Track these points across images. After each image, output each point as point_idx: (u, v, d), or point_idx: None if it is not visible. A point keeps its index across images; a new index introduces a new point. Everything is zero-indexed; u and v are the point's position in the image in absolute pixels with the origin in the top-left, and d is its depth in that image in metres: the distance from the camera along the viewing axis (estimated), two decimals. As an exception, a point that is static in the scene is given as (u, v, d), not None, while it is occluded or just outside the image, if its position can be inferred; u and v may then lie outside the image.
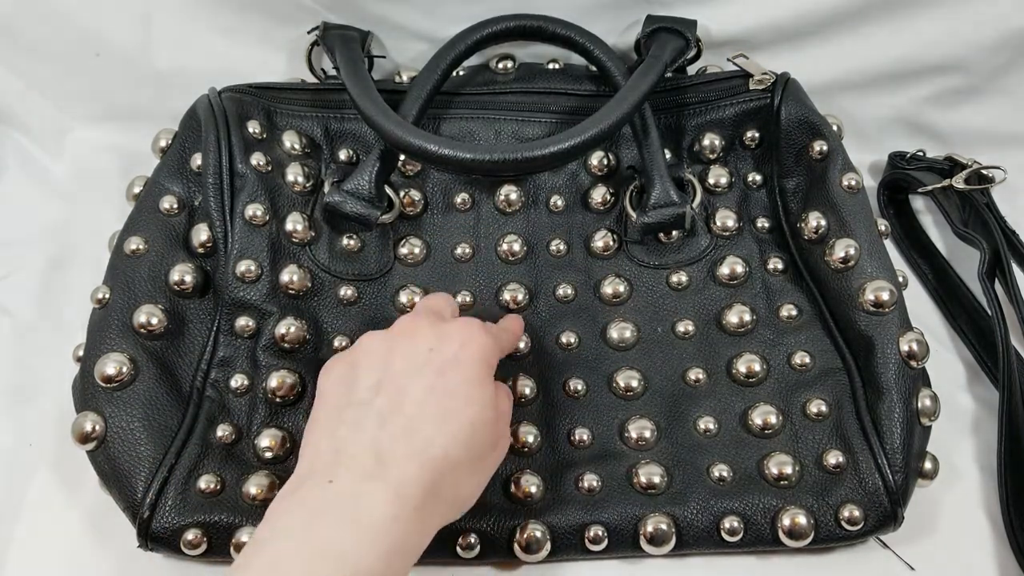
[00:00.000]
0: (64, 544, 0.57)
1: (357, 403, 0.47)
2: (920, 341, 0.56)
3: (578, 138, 0.58)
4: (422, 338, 0.50)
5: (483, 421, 0.48)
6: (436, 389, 0.47)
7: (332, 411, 0.48)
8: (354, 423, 0.46)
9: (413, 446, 0.45)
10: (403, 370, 0.48)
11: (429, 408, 0.47)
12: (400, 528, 0.43)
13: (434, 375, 0.48)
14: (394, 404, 0.47)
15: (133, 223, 0.61)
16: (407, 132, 0.58)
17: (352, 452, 0.45)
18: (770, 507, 0.54)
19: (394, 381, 0.48)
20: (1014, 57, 0.73)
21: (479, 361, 0.49)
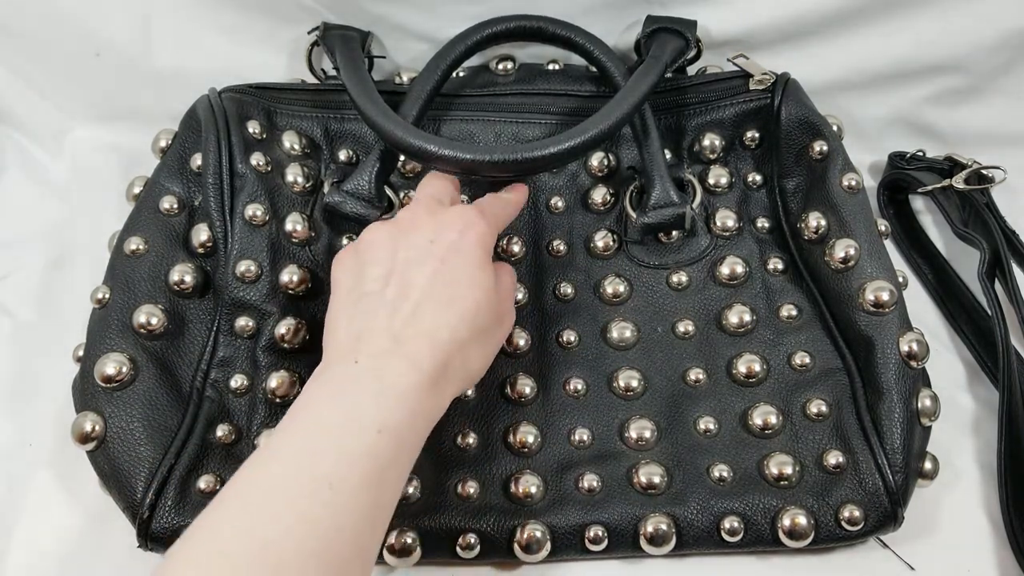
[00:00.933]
0: (64, 544, 0.57)
1: (368, 293, 0.50)
2: (920, 341, 0.56)
3: (578, 138, 0.58)
4: (423, 230, 0.53)
5: (486, 301, 0.51)
6: (439, 276, 0.50)
7: (346, 302, 0.51)
8: (368, 312, 0.49)
9: (422, 328, 0.48)
10: (407, 260, 0.51)
11: (434, 294, 0.50)
12: (419, 395, 0.46)
13: (437, 263, 0.51)
14: (402, 293, 0.50)
15: (133, 223, 0.61)
16: (407, 132, 0.58)
17: (369, 337, 0.48)
18: (770, 507, 0.54)
19: (400, 272, 0.51)
20: (1014, 57, 0.73)
21: (478, 246, 0.52)
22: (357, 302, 0.51)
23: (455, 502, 0.55)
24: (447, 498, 0.55)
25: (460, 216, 0.54)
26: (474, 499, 0.55)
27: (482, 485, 0.55)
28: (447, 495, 0.55)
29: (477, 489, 0.55)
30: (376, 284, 0.51)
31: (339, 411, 0.45)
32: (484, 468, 0.56)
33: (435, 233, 0.52)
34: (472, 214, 0.54)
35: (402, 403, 0.46)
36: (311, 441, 0.44)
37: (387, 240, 0.53)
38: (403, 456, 0.46)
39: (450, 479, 0.56)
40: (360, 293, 0.51)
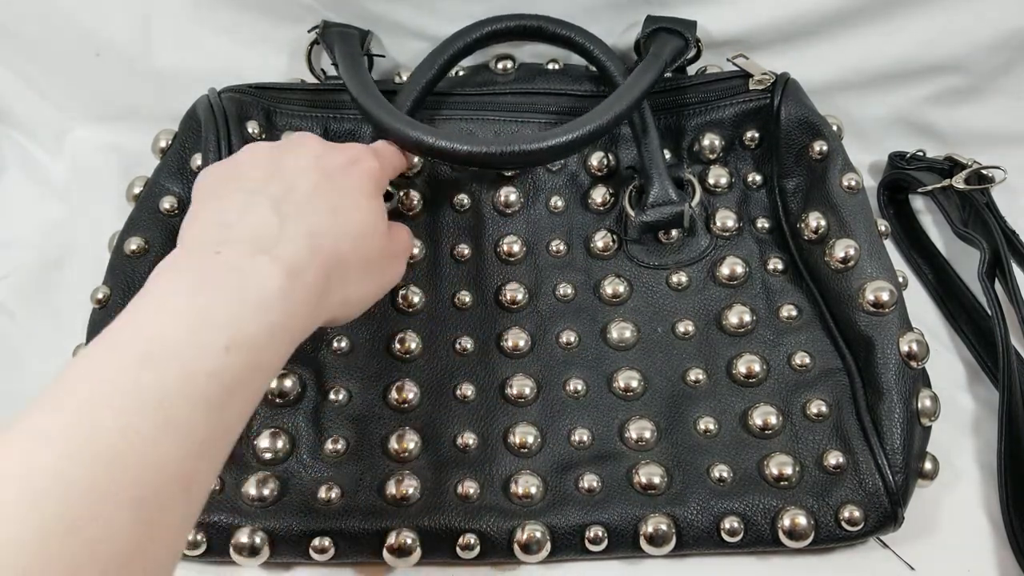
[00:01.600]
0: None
1: (246, 190, 0.46)
2: (920, 341, 0.56)
3: (575, 132, 0.58)
4: (309, 147, 0.50)
5: (373, 228, 0.48)
6: (325, 187, 0.47)
7: (214, 196, 0.46)
8: (244, 204, 0.45)
9: (304, 228, 0.44)
10: (291, 168, 0.48)
11: (319, 201, 0.46)
12: (286, 305, 0.41)
13: (322, 176, 0.48)
14: (284, 192, 0.46)
15: (133, 223, 0.61)
16: (405, 124, 0.58)
17: (241, 229, 0.43)
18: (770, 507, 0.54)
19: (283, 175, 0.47)
20: (1014, 57, 0.73)
21: (370, 177, 0.50)
22: (228, 195, 0.46)
23: (455, 502, 0.55)
24: (447, 498, 0.55)
25: (351, 148, 0.52)
26: (474, 499, 0.55)
27: (482, 485, 0.55)
28: (447, 495, 0.55)
29: (477, 489, 0.55)
30: (255, 183, 0.46)
31: (190, 312, 0.38)
32: (484, 468, 0.56)
33: (323, 152, 0.50)
34: (365, 149, 0.52)
35: (264, 313, 0.40)
36: (144, 345, 0.36)
37: (269, 149, 0.49)
38: (256, 378, 0.39)
39: (450, 479, 0.56)
40: (234, 188, 0.46)
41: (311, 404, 0.58)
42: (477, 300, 0.63)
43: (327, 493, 0.54)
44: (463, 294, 0.63)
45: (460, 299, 0.63)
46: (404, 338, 0.60)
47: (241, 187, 0.46)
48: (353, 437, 0.57)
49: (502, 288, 0.63)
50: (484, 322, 0.62)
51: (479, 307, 0.63)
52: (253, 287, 0.40)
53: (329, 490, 0.54)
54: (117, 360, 0.36)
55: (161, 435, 0.34)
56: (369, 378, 0.59)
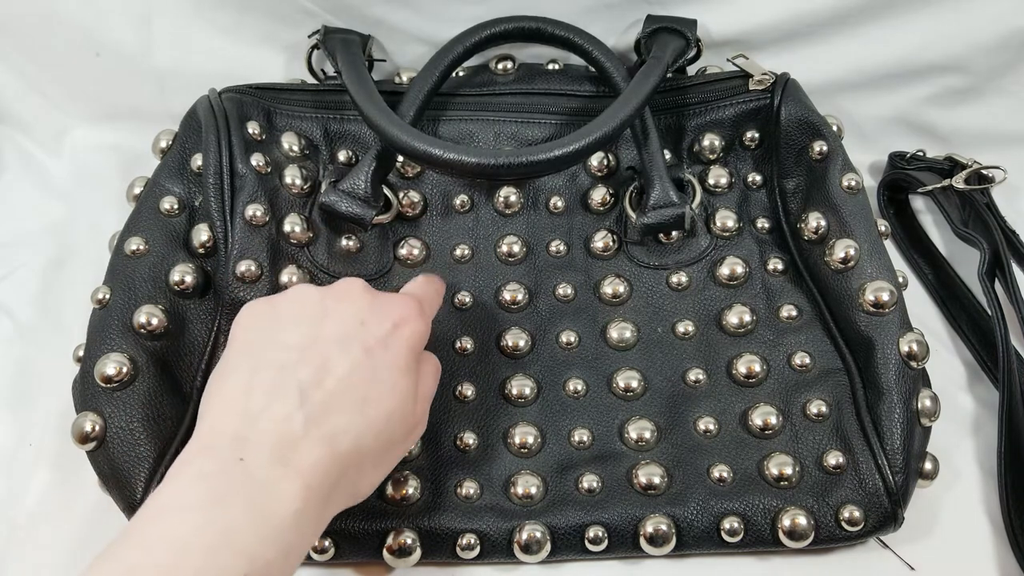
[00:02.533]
0: (64, 544, 0.57)
1: (278, 364, 0.44)
2: (920, 342, 0.56)
3: (582, 141, 0.58)
4: (357, 305, 0.48)
5: (402, 412, 0.46)
6: (361, 369, 0.45)
7: (248, 364, 0.45)
8: (272, 390, 0.43)
9: (327, 431, 0.43)
10: (332, 337, 0.46)
11: (351, 389, 0.44)
12: (303, 522, 0.41)
13: (362, 353, 0.45)
14: (317, 376, 0.44)
15: (133, 223, 0.61)
16: (412, 136, 0.58)
17: (265, 427, 0.42)
18: (770, 508, 0.54)
19: (321, 347, 0.45)
20: (1014, 57, 0.73)
21: (409, 346, 0.47)
22: (260, 368, 0.44)
23: (455, 503, 0.55)
24: (447, 499, 0.55)
25: (400, 305, 0.49)
26: (474, 500, 0.55)
27: (482, 486, 0.55)
28: (447, 496, 0.55)
29: (477, 490, 0.55)
30: (290, 354, 0.45)
31: (211, 530, 0.38)
32: (484, 469, 0.56)
33: (369, 315, 0.47)
34: (413, 308, 0.49)
35: (283, 536, 0.39)
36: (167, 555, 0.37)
37: (315, 303, 0.47)
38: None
39: (450, 480, 0.56)
40: (267, 359, 0.45)
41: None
42: (477, 300, 0.63)
43: (327, 493, 0.54)
44: (463, 295, 0.63)
45: (460, 299, 0.63)
46: (404, 338, 0.60)
47: (274, 360, 0.45)
48: (353, 437, 0.57)
49: (502, 288, 0.63)
50: (484, 322, 0.62)
51: (479, 307, 0.63)
52: (274, 509, 0.40)
53: (329, 490, 0.54)
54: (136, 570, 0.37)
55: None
56: (369, 378, 0.59)
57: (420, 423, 0.50)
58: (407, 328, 0.48)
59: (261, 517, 0.39)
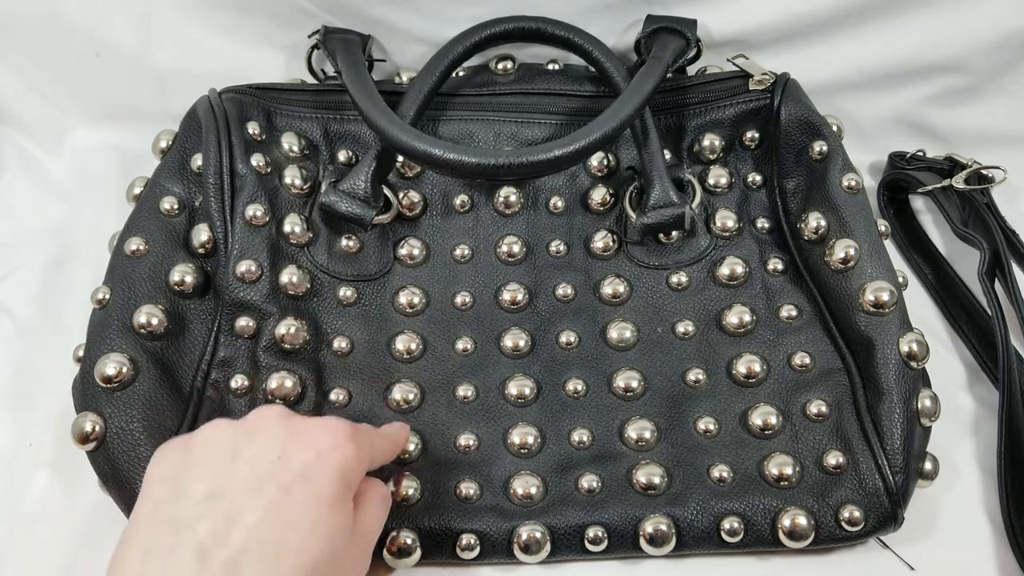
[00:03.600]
0: (64, 544, 0.57)
1: (179, 521, 0.41)
2: (920, 342, 0.56)
3: (582, 141, 0.58)
4: (271, 441, 0.43)
5: (330, 553, 0.42)
6: (276, 513, 0.41)
7: (150, 522, 0.41)
8: (169, 554, 0.39)
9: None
10: (243, 481, 0.42)
11: (262, 542, 0.40)
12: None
13: (277, 493, 0.41)
14: (221, 532, 0.40)
15: (133, 224, 0.61)
16: (411, 136, 0.58)
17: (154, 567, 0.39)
18: (770, 508, 0.54)
19: (228, 497, 0.41)
20: (1014, 57, 0.73)
21: (338, 477, 0.43)
22: (160, 526, 0.41)
23: (455, 503, 0.55)
24: (447, 499, 0.55)
25: (325, 430, 0.44)
26: (474, 500, 0.55)
27: (482, 486, 0.55)
28: (447, 496, 0.55)
29: (477, 490, 0.55)
30: (194, 509, 0.41)
31: None
32: (484, 469, 0.56)
33: (287, 447, 0.43)
34: (341, 432, 0.45)
35: None
36: None
37: (226, 445, 0.43)
38: None
39: (450, 480, 0.56)
40: (169, 516, 0.41)
41: (311, 405, 0.58)
42: (477, 301, 0.63)
43: (327, 494, 0.54)
44: (463, 295, 0.63)
45: (460, 300, 0.63)
46: (405, 339, 0.60)
47: (175, 517, 0.41)
48: (353, 438, 0.57)
49: (502, 288, 0.63)
50: (484, 323, 0.62)
51: (479, 308, 0.63)
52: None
53: (329, 490, 0.55)
54: None
55: None
56: (370, 379, 0.59)
57: (361, 560, 0.46)
58: (334, 456, 0.43)
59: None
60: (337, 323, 0.61)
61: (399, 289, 0.62)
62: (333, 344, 0.60)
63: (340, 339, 0.60)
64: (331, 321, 0.61)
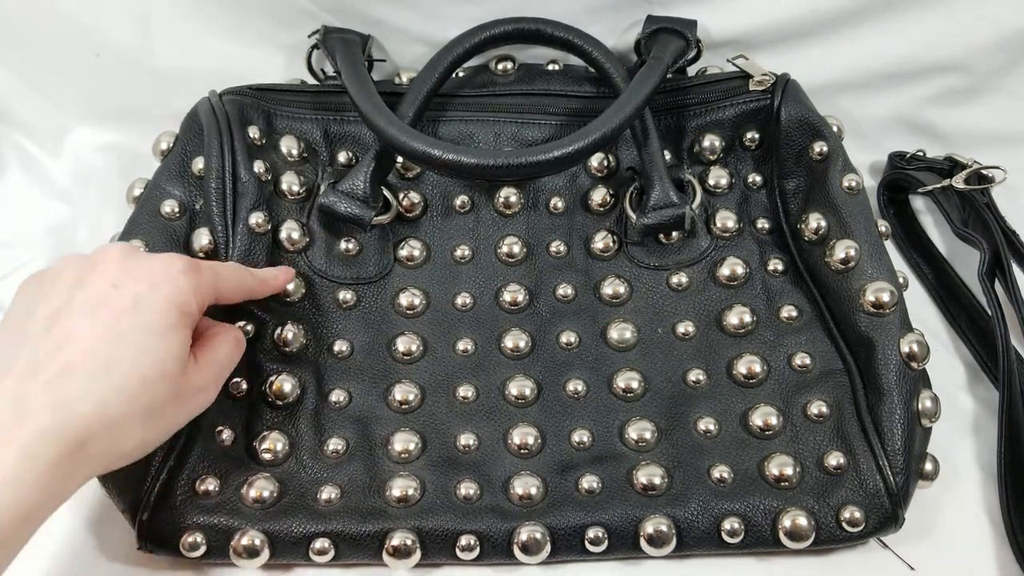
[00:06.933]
0: (64, 545, 0.57)
1: (24, 336, 0.44)
2: (921, 342, 0.56)
3: (582, 142, 0.58)
4: (111, 272, 0.47)
5: (159, 374, 0.45)
6: (106, 334, 0.44)
7: (3, 340, 0.45)
8: (6, 364, 0.43)
9: (60, 396, 0.42)
10: (80, 304, 0.45)
11: (94, 355, 0.43)
12: (24, 491, 0.40)
13: (110, 316, 0.45)
14: (55, 347, 0.44)
15: (134, 226, 0.61)
16: (410, 137, 0.58)
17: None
18: (771, 508, 0.54)
19: (67, 318, 0.45)
20: (1014, 57, 0.73)
21: (170, 306, 0.46)
22: (8, 346, 0.44)
23: (455, 503, 0.55)
24: (447, 499, 0.55)
25: (161, 266, 0.47)
26: (474, 500, 0.55)
27: (482, 486, 0.55)
28: (447, 496, 0.55)
29: (477, 490, 0.55)
30: (37, 325, 0.45)
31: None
32: (484, 469, 0.56)
33: (122, 278, 0.46)
34: (178, 267, 0.48)
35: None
36: None
37: (72, 273, 0.47)
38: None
39: (450, 480, 0.56)
40: (18, 333, 0.45)
41: (311, 406, 0.58)
42: (478, 301, 0.63)
43: (327, 494, 0.54)
44: (464, 296, 0.63)
45: (461, 301, 0.63)
46: (405, 340, 0.60)
47: (18, 335, 0.45)
48: (353, 438, 0.57)
49: (502, 289, 0.63)
50: (485, 323, 0.62)
51: (480, 308, 0.63)
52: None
53: (329, 491, 0.55)
54: None
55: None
56: (370, 380, 0.59)
57: (200, 391, 0.49)
58: (166, 288, 0.46)
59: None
60: (337, 326, 0.61)
61: (399, 291, 0.62)
62: (333, 347, 0.60)
63: (340, 342, 0.60)
64: (331, 324, 0.61)
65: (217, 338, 0.51)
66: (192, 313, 0.48)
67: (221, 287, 0.51)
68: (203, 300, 0.49)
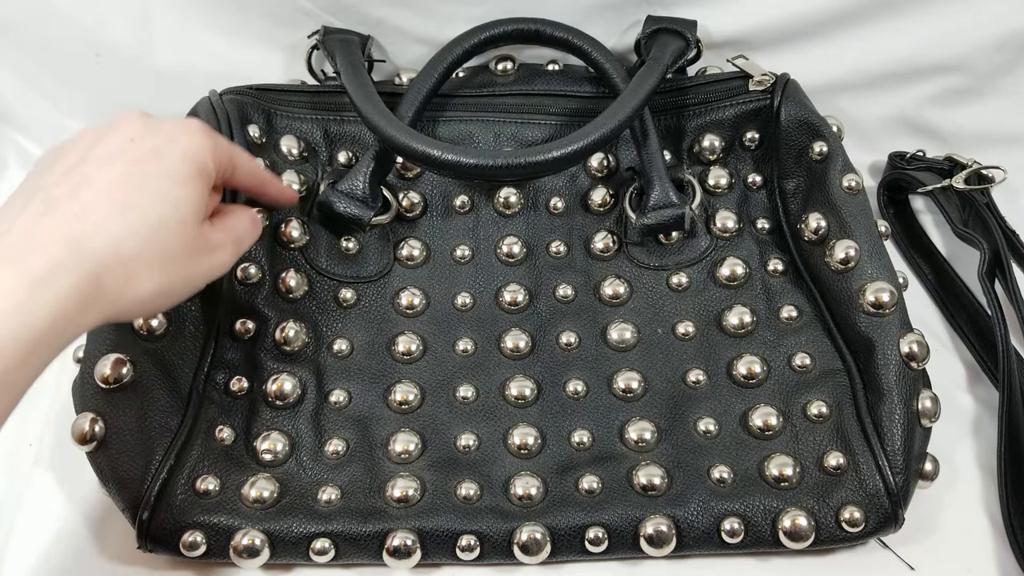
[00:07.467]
0: (64, 544, 0.57)
1: (38, 188, 0.44)
2: (920, 342, 0.56)
3: (581, 142, 0.58)
4: (127, 129, 0.47)
5: (177, 221, 0.45)
6: (124, 180, 0.44)
7: (16, 193, 0.45)
8: (22, 208, 0.43)
9: (73, 232, 0.42)
10: (97, 156, 0.45)
11: (110, 198, 0.43)
12: (34, 318, 0.39)
13: (128, 164, 0.45)
14: (71, 191, 0.43)
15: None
16: (410, 137, 0.58)
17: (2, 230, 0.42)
18: (771, 508, 0.54)
19: (83, 168, 0.45)
20: (1014, 57, 0.73)
21: (187, 158, 0.46)
22: (20, 196, 0.44)
23: (455, 504, 0.55)
24: (447, 500, 0.55)
25: (179, 124, 0.48)
26: (474, 501, 0.55)
27: (482, 487, 0.55)
28: (447, 497, 0.55)
29: (477, 491, 0.55)
30: (52, 178, 0.45)
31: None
32: (484, 470, 0.56)
33: (141, 133, 0.46)
34: (196, 126, 0.48)
35: None
36: None
37: (90, 136, 0.47)
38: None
39: (450, 481, 0.56)
40: (32, 186, 0.44)
41: (311, 406, 0.58)
42: (478, 301, 0.63)
43: (327, 495, 0.54)
44: (464, 296, 0.63)
45: (461, 301, 0.63)
46: (405, 340, 0.60)
47: (37, 185, 0.44)
48: (353, 439, 0.57)
49: (502, 289, 0.63)
50: (484, 323, 0.62)
51: (479, 309, 0.63)
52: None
53: (329, 492, 0.55)
54: None
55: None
56: (370, 380, 0.59)
57: (218, 247, 0.49)
58: (185, 140, 0.47)
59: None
60: (337, 325, 0.61)
61: (399, 290, 0.62)
62: (333, 346, 0.60)
63: (340, 341, 0.60)
64: (331, 323, 0.61)
65: (234, 211, 0.52)
66: (209, 171, 0.48)
67: (236, 160, 0.52)
68: (220, 163, 0.49)
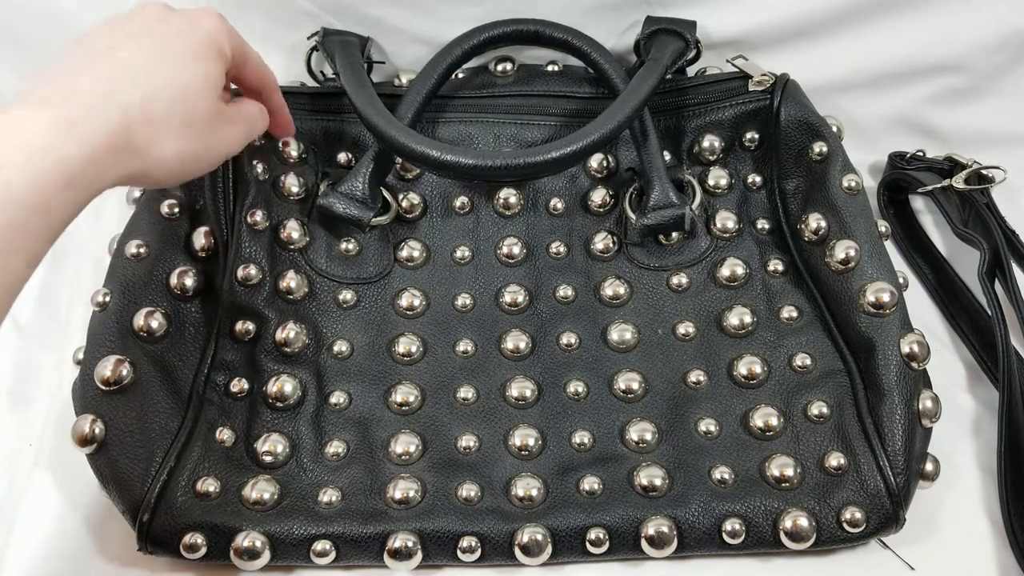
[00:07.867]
0: (64, 546, 0.57)
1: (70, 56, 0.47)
2: (921, 343, 0.56)
3: (580, 143, 0.58)
4: (152, 11, 0.50)
5: (198, 91, 0.48)
6: (152, 51, 0.47)
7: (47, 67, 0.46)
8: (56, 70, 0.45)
9: (107, 87, 0.44)
10: (126, 35, 0.48)
11: (141, 63, 0.46)
12: (58, 156, 0.41)
13: (155, 40, 0.48)
14: (105, 56, 0.46)
15: (134, 226, 0.61)
16: (409, 138, 0.58)
17: (40, 83, 0.44)
18: (771, 509, 0.54)
19: (114, 39, 0.47)
20: (1014, 57, 0.73)
21: (209, 38, 0.50)
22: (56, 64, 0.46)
23: (456, 505, 0.55)
24: (448, 501, 0.55)
25: (199, 12, 0.51)
26: (475, 502, 0.55)
27: (483, 488, 0.55)
28: (448, 498, 0.55)
29: (478, 492, 0.55)
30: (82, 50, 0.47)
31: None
32: (485, 471, 0.56)
33: (164, 16, 0.50)
34: (214, 13, 0.51)
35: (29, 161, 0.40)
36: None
37: (114, 20, 0.49)
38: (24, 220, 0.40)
39: (451, 482, 0.56)
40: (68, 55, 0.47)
41: (311, 408, 0.58)
42: (478, 302, 0.63)
43: (327, 496, 0.54)
44: (464, 297, 0.63)
45: (461, 302, 0.63)
46: (405, 341, 0.60)
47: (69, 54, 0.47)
48: (354, 440, 0.57)
49: (502, 290, 0.63)
50: (485, 325, 0.62)
51: (480, 309, 0.63)
52: (16, 137, 0.40)
53: (330, 493, 0.55)
54: None
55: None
56: (370, 381, 0.59)
57: (231, 121, 0.52)
58: (206, 22, 0.50)
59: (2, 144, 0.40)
60: (337, 326, 0.61)
61: (399, 291, 0.62)
62: (333, 347, 0.60)
63: (340, 342, 0.60)
64: (331, 324, 0.61)
65: (243, 100, 0.55)
66: (226, 53, 0.51)
67: (248, 54, 0.55)
68: (235, 49, 0.52)
